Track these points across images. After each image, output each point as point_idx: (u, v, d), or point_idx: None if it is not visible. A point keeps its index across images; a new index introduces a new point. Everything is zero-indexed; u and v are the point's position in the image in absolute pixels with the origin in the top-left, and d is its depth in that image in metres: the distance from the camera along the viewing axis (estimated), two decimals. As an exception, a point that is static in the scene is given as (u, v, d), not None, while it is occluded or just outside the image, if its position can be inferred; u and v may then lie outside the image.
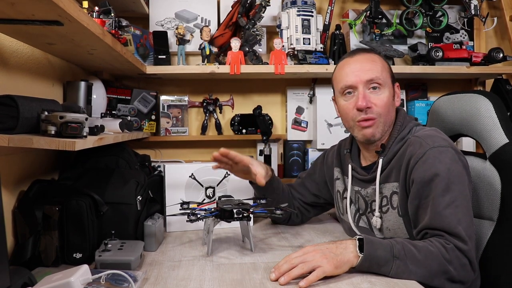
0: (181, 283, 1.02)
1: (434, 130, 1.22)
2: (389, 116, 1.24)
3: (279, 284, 1.00)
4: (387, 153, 1.23)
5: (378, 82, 1.22)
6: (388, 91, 1.23)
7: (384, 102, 1.21)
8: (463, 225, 1.06)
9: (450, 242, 1.04)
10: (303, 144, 2.14)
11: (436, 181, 1.09)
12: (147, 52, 1.95)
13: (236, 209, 1.20)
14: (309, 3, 1.95)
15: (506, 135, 1.27)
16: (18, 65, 1.17)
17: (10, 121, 0.95)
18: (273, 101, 2.19)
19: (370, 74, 1.21)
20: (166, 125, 2.02)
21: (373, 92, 1.22)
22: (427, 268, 1.02)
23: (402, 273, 1.02)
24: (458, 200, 1.08)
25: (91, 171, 1.34)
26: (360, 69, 1.23)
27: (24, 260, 1.08)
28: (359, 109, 1.21)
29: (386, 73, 1.25)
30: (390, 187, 1.22)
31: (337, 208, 1.45)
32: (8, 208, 1.13)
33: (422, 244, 1.05)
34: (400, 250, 1.03)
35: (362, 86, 1.22)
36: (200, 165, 1.52)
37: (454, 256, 1.03)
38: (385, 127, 1.24)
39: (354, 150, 1.39)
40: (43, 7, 0.83)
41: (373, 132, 1.22)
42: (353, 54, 1.29)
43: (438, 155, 1.12)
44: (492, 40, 2.26)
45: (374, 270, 1.04)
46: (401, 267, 1.02)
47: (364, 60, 1.25)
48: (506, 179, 1.25)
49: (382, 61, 1.27)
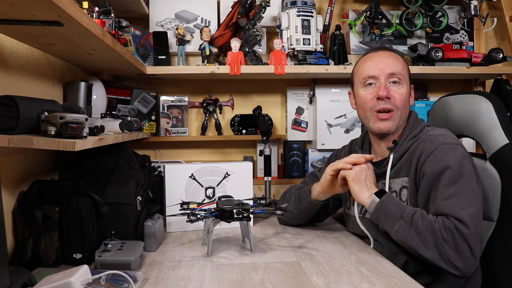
0: (181, 284, 1.02)
1: (445, 130, 1.26)
2: (404, 111, 1.31)
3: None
4: (398, 150, 1.27)
5: (399, 77, 1.29)
6: (407, 88, 1.32)
7: (403, 96, 1.29)
8: (467, 212, 1.08)
9: (451, 223, 1.07)
10: (303, 144, 2.14)
11: (446, 173, 1.13)
12: (147, 53, 1.95)
13: (236, 209, 1.20)
14: (309, 3, 1.95)
15: (506, 135, 1.27)
16: (18, 65, 1.17)
17: (10, 122, 0.94)
18: (273, 101, 2.19)
19: (392, 68, 1.29)
20: (166, 126, 2.02)
21: (394, 85, 1.29)
22: (424, 239, 1.08)
23: (402, 233, 1.11)
24: (465, 192, 1.11)
25: (91, 172, 1.34)
26: (383, 62, 1.31)
27: (24, 261, 1.08)
28: (380, 97, 1.27)
29: (406, 72, 1.34)
30: (400, 182, 1.25)
31: (343, 202, 1.47)
32: (8, 208, 1.13)
33: (430, 217, 1.10)
34: (409, 214, 1.11)
35: (384, 78, 1.29)
36: (200, 165, 1.52)
37: (451, 236, 1.05)
38: (400, 121, 1.30)
39: (366, 146, 1.44)
40: (43, 7, 0.83)
41: (389, 125, 1.29)
42: (377, 50, 1.37)
43: (449, 150, 1.16)
44: (492, 41, 2.26)
45: (381, 221, 1.17)
46: (403, 226, 1.10)
47: (387, 56, 1.32)
48: (506, 180, 1.25)
49: (403, 61, 1.35)
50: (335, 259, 1.17)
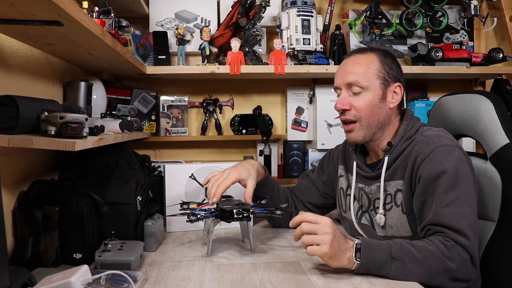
0: (181, 283, 1.02)
1: (441, 131, 1.22)
2: (373, 119, 1.24)
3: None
4: (393, 151, 1.24)
5: (358, 85, 1.23)
6: (372, 94, 1.23)
7: (364, 105, 1.23)
8: (466, 222, 1.06)
9: (450, 239, 1.04)
10: (303, 144, 2.14)
11: (443, 178, 1.10)
12: (147, 52, 1.95)
13: (236, 209, 1.20)
14: (309, 3, 1.95)
15: (507, 135, 1.27)
16: (18, 65, 1.17)
17: (10, 121, 0.94)
18: (273, 101, 2.19)
19: (350, 78, 1.24)
20: (166, 125, 2.02)
21: (354, 95, 1.24)
22: (427, 268, 1.01)
23: (402, 274, 1.01)
24: (463, 198, 1.08)
25: (91, 172, 1.34)
26: (344, 71, 1.26)
27: (24, 260, 1.08)
28: (337, 110, 1.26)
29: (373, 75, 1.24)
30: (395, 184, 1.22)
31: (339, 205, 1.45)
32: (8, 208, 1.13)
33: (421, 243, 1.04)
34: (399, 251, 1.02)
35: (344, 88, 1.26)
36: (200, 165, 1.52)
37: (456, 253, 1.02)
38: (370, 129, 1.25)
39: (359, 148, 1.39)
40: (43, 7, 0.83)
41: (354, 136, 1.26)
42: (349, 55, 1.32)
43: (446, 153, 1.12)
44: (492, 40, 2.26)
45: (373, 272, 1.04)
46: (400, 267, 1.01)
47: (350, 63, 1.27)
48: (507, 180, 1.25)
49: (372, 62, 1.25)
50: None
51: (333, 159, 1.50)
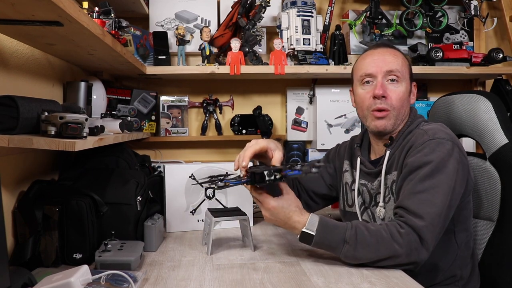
0: (181, 284, 1.02)
1: (440, 125, 1.24)
2: (402, 111, 1.27)
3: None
4: (394, 146, 1.27)
5: (397, 74, 1.26)
6: (405, 86, 1.28)
7: (400, 95, 1.26)
8: (433, 210, 1.07)
9: (408, 225, 1.06)
10: (303, 144, 2.14)
11: (424, 168, 1.12)
12: (147, 53, 1.95)
13: (267, 171, 1.06)
14: (309, 3, 1.95)
15: (506, 135, 1.27)
16: (18, 65, 1.18)
17: (10, 122, 0.95)
18: (273, 101, 2.20)
19: (390, 66, 1.26)
20: (166, 126, 2.02)
21: (391, 84, 1.26)
22: (375, 253, 1.06)
23: (352, 257, 1.08)
24: (438, 188, 1.10)
25: (91, 172, 1.34)
26: (381, 60, 1.28)
27: (24, 261, 1.08)
28: (375, 96, 1.25)
29: (406, 69, 1.29)
30: (391, 177, 1.24)
31: (343, 200, 1.45)
32: (8, 208, 1.13)
33: (376, 228, 1.08)
34: (352, 235, 1.07)
35: (381, 76, 1.26)
36: (200, 165, 1.52)
37: (407, 239, 1.05)
38: (397, 121, 1.27)
39: (365, 144, 1.42)
40: (43, 7, 0.83)
41: (385, 124, 1.26)
42: (377, 47, 1.34)
43: (435, 146, 1.15)
44: (492, 41, 2.26)
45: (327, 251, 1.12)
46: (351, 251, 1.07)
47: (386, 53, 1.29)
48: (506, 180, 1.25)
49: (404, 57, 1.31)
50: (335, 259, 1.17)
51: (340, 154, 1.51)
